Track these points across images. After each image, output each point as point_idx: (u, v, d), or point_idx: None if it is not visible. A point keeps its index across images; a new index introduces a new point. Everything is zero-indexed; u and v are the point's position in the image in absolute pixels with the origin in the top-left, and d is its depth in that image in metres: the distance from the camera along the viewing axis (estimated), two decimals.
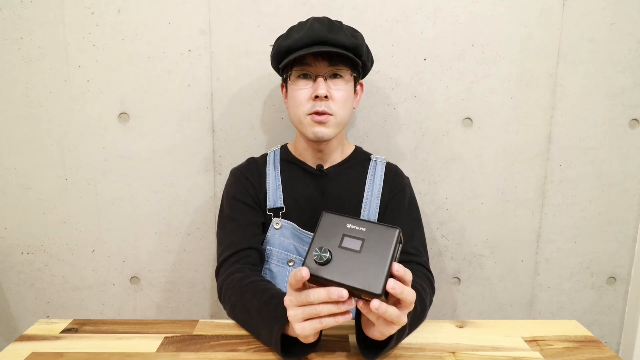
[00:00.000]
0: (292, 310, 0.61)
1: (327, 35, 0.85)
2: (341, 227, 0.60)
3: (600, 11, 1.15)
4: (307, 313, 0.59)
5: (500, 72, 1.17)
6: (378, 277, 0.56)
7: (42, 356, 0.69)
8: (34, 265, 1.24)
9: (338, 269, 0.57)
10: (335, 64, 0.87)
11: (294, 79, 0.90)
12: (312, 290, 0.58)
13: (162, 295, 1.27)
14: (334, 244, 0.59)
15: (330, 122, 0.88)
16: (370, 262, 0.57)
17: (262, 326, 0.70)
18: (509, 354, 0.71)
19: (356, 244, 0.58)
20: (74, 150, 1.18)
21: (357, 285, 0.56)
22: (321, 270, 0.57)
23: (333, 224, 0.61)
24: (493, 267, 1.27)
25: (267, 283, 0.79)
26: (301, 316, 0.60)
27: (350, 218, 0.60)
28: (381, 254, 0.57)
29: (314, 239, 0.60)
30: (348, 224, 0.60)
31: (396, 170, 1.00)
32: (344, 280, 0.56)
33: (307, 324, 0.60)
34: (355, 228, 0.60)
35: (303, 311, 0.60)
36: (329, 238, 0.60)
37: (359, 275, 0.56)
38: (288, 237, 0.94)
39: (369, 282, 0.55)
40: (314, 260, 0.58)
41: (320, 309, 0.58)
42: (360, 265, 0.57)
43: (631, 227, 1.26)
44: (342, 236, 0.59)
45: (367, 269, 0.56)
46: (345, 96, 0.89)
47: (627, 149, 1.21)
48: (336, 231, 0.60)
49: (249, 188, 0.95)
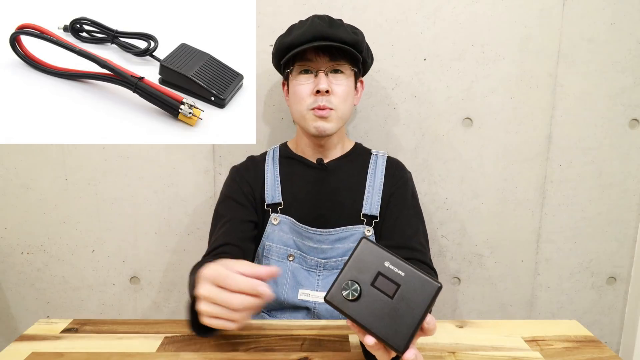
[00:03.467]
0: (206, 306, 0.56)
1: (327, 31, 0.86)
2: (378, 263, 0.55)
3: (600, 11, 1.15)
4: (223, 314, 0.55)
5: (500, 72, 1.17)
6: (405, 333, 0.51)
7: (42, 356, 0.69)
8: (34, 265, 1.24)
9: (364, 309, 0.53)
10: (336, 59, 0.88)
11: (295, 74, 0.90)
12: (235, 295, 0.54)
13: (162, 295, 1.27)
14: (366, 280, 0.54)
15: (332, 117, 0.89)
16: (400, 313, 0.52)
17: (188, 298, 0.68)
18: (509, 354, 0.71)
19: (390, 288, 0.53)
20: (74, 150, 1.18)
21: (380, 335, 0.52)
22: (346, 306, 0.53)
23: (370, 256, 0.55)
24: (493, 267, 1.27)
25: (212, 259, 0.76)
26: (214, 314, 0.56)
27: (391, 255, 0.55)
28: (414, 308, 0.52)
29: (345, 266, 0.55)
30: (387, 262, 0.55)
31: (397, 164, 1.00)
32: (368, 325, 0.52)
33: (216, 322, 0.56)
34: (394, 269, 0.54)
35: (219, 311, 0.55)
36: (363, 271, 0.54)
37: (385, 324, 0.52)
38: (287, 232, 0.94)
39: (393, 336, 0.51)
40: (341, 294, 0.54)
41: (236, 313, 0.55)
42: (389, 313, 0.52)
43: (631, 227, 1.25)
44: (377, 274, 0.54)
45: (395, 320, 0.52)
46: (346, 91, 0.90)
47: (627, 149, 1.21)
48: (372, 266, 0.55)
49: (243, 186, 0.95)
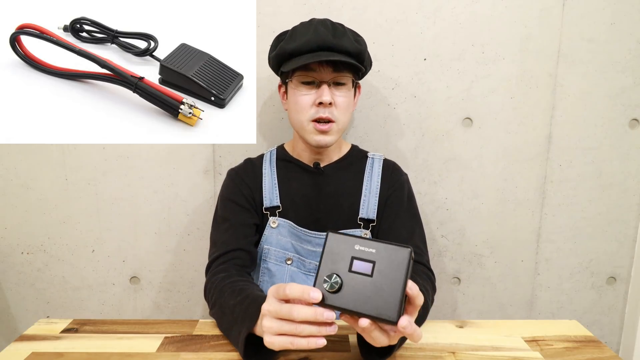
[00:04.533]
0: (269, 322, 0.58)
1: (332, 41, 0.85)
2: (349, 249, 0.56)
3: (600, 11, 1.15)
4: (285, 329, 0.56)
5: (500, 72, 1.17)
6: (393, 303, 0.52)
7: (42, 356, 0.69)
8: (34, 265, 1.24)
9: (350, 296, 0.54)
10: (340, 70, 0.88)
11: (296, 83, 0.90)
12: (297, 306, 0.55)
13: (162, 295, 1.27)
14: (343, 269, 0.55)
15: (332, 130, 0.89)
16: (383, 287, 0.53)
17: (233, 325, 0.69)
18: (509, 354, 0.71)
19: (367, 268, 0.55)
20: (74, 150, 1.18)
21: (372, 314, 0.53)
22: (332, 298, 0.54)
23: (340, 246, 0.56)
24: (493, 267, 1.27)
25: (247, 284, 0.78)
26: (277, 330, 0.57)
27: (358, 238, 0.57)
28: (394, 278, 0.53)
29: (321, 263, 0.56)
30: (356, 245, 0.56)
31: (394, 167, 1.00)
32: (358, 309, 0.53)
33: (278, 340, 0.57)
34: (365, 250, 0.56)
35: (281, 326, 0.57)
36: (337, 261, 0.56)
37: (372, 302, 0.53)
38: (285, 235, 0.94)
39: (384, 310, 0.52)
40: (324, 289, 0.54)
41: (301, 329, 0.55)
42: (373, 290, 0.54)
43: (631, 227, 1.26)
44: (352, 259, 0.55)
45: (380, 295, 0.53)
46: (347, 102, 0.90)
47: (627, 149, 1.21)
48: (344, 253, 0.56)
49: (243, 189, 0.95)
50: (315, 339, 0.56)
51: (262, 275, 0.95)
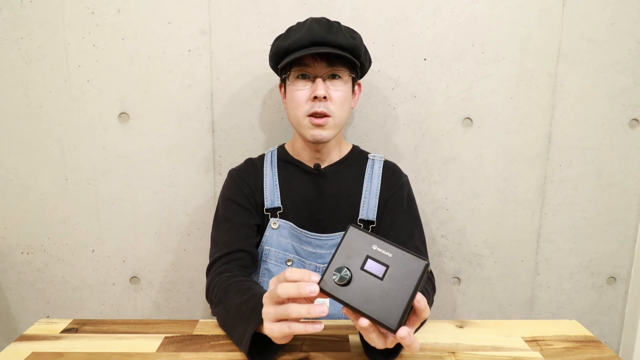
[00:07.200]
0: (267, 307, 0.61)
1: (325, 36, 0.85)
2: (366, 247, 0.56)
3: (600, 11, 1.15)
4: (279, 313, 0.58)
5: (500, 72, 1.17)
6: (397, 312, 0.52)
7: (42, 356, 0.69)
8: (34, 265, 1.24)
9: (355, 292, 0.54)
10: (334, 65, 0.88)
11: (292, 79, 0.90)
12: (282, 284, 0.57)
13: (162, 295, 1.27)
14: (356, 265, 0.55)
15: (328, 124, 0.89)
16: (391, 293, 0.53)
17: (238, 324, 0.69)
18: (509, 354, 0.71)
19: (379, 270, 0.55)
20: (74, 150, 1.18)
21: (373, 316, 0.53)
22: (338, 291, 0.55)
23: (358, 241, 0.57)
24: (493, 267, 1.27)
25: (252, 283, 0.79)
26: (273, 315, 0.59)
27: (378, 239, 0.56)
28: (404, 287, 0.53)
29: (335, 254, 0.57)
30: (374, 246, 0.56)
31: (394, 168, 1.00)
32: (360, 307, 0.54)
33: (276, 326, 0.59)
34: (382, 252, 0.55)
35: (276, 310, 0.59)
36: (352, 256, 0.56)
37: (377, 305, 0.53)
38: (286, 236, 0.94)
39: (386, 316, 0.52)
40: (333, 280, 0.55)
41: (291, 309, 0.57)
42: (380, 293, 0.53)
43: (631, 227, 1.26)
44: (366, 258, 0.56)
45: (386, 300, 0.53)
46: (343, 97, 0.90)
47: (627, 149, 1.21)
48: (360, 250, 0.56)
49: (244, 189, 0.95)
50: (312, 323, 0.57)
51: (262, 276, 0.95)
